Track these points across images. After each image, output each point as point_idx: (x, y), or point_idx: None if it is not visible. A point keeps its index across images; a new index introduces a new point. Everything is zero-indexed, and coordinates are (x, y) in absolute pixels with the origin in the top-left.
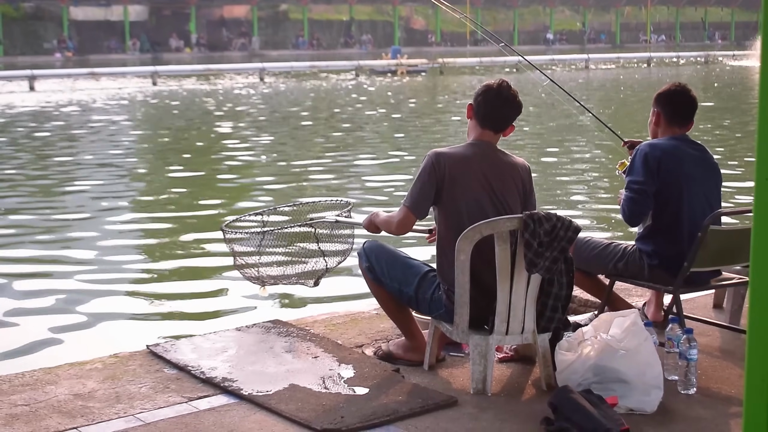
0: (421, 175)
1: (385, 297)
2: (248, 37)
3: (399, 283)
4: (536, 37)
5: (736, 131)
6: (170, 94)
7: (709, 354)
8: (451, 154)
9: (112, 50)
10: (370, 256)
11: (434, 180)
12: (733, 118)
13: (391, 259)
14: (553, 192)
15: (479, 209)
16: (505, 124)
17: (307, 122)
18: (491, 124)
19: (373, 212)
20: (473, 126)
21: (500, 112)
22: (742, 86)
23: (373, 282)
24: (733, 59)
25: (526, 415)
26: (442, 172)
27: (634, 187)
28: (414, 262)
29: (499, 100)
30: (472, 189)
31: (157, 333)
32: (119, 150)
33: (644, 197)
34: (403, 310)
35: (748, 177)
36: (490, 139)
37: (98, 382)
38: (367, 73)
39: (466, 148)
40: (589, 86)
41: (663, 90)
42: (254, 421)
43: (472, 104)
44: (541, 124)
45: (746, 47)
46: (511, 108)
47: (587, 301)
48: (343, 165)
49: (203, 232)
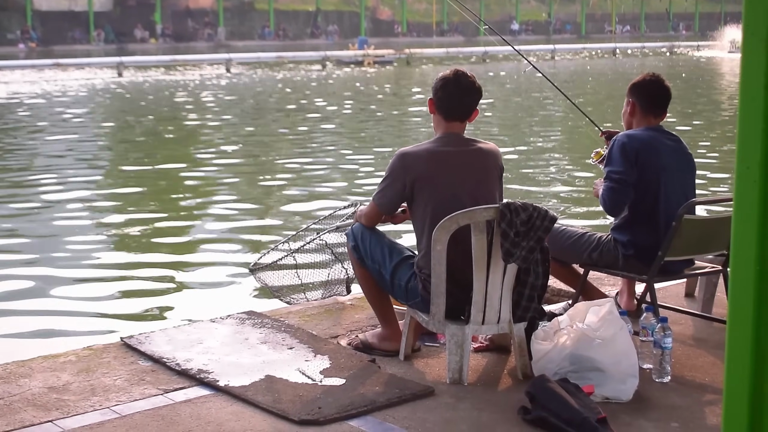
0: (389, 175)
1: (367, 279)
2: (214, 28)
3: (379, 264)
4: (502, 27)
5: (706, 121)
6: (137, 85)
7: (682, 342)
8: (419, 153)
9: (77, 41)
10: (357, 235)
11: (402, 181)
12: (701, 108)
13: (375, 239)
14: (526, 181)
15: (457, 202)
16: (470, 112)
17: (278, 113)
18: (457, 115)
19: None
20: (438, 120)
21: (463, 101)
22: (710, 76)
23: (357, 262)
24: (697, 50)
25: (503, 404)
26: (411, 174)
27: (615, 177)
28: (397, 246)
29: (460, 90)
30: (447, 184)
31: (129, 325)
32: (87, 142)
33: (625, 187)
34: (383, 296)
35: (716, 167)
36: (458, 129)
37: (72, 374)
38: (334, 63)
39: (437, 143)
40: (558, 77)
41: (638, 80)
42: (231, 413)
43: (432, 99)
44: (513, 113)
45: (710, 38)
46: (471, 95)
47: (560, 290)
48: (317, 157)
49: (174, 222)
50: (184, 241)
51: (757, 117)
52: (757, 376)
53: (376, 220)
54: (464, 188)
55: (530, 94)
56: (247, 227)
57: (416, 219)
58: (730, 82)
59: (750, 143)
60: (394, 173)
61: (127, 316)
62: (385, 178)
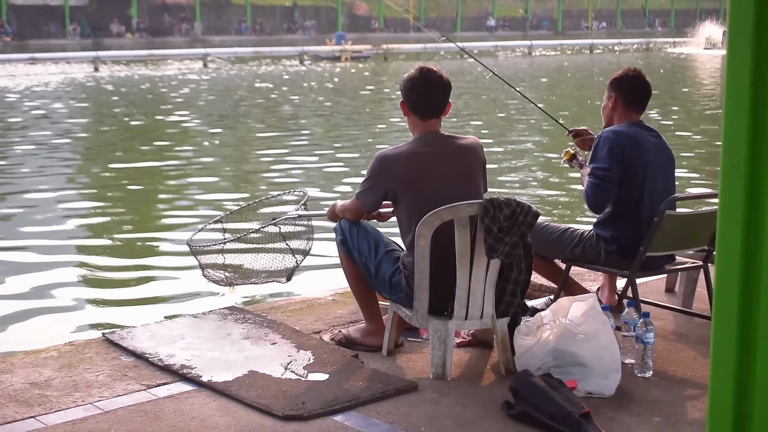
0: (370, 177)
1: (354, 273)
2: (190, 23)
3: (365, 257)
4: (479, 23)
5: (684, 118)
6: (113, 79)
7: (663, 337)
8: (399, 156)
9: (52, 35)
10: (345, 229)
11: (384, 185)
12: (679, 105)
13: (362, 233)
14: (500, 180)
15: (441, 201)
16: (443, 107)
17: (255, 109)
18: (432, 113)
19: (333, 203)
20: (415, 121)
21: (434, 98)
22: (692, 72)
23: (345, 256)
24: (673, 46)
25: (486, 399)
26: (392, 177)
27: (600, 174)
28: (383, 240)
29: (430, 89)
30: (430, 185)
31: (110, 321)
32: (64, 137)
33: (609, 184)
34: (369, 291)
35: (694, 164)
36: (435, 127)
37: (54, 370)
38: (311, 59)
39: (417, 144)
40: (534, 73)
41: (620, 75)
42: (215, 408)
43: (404, 101)
44: (486, 113)
45: (686, 34)
46: (442, 91)
47: (541, 285)
48: (294, 152)
49: (154, 217)
50: (163, 236)
51: (742, 113)
52: (741, 370)
53: (359, 217)
54: (448, 187)
55: (501, 94)
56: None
57: (401, 218)
58: (710, 77)
59: (736, 139)
60: (375, 176)
61: (108, 312)
62: (367, 180)
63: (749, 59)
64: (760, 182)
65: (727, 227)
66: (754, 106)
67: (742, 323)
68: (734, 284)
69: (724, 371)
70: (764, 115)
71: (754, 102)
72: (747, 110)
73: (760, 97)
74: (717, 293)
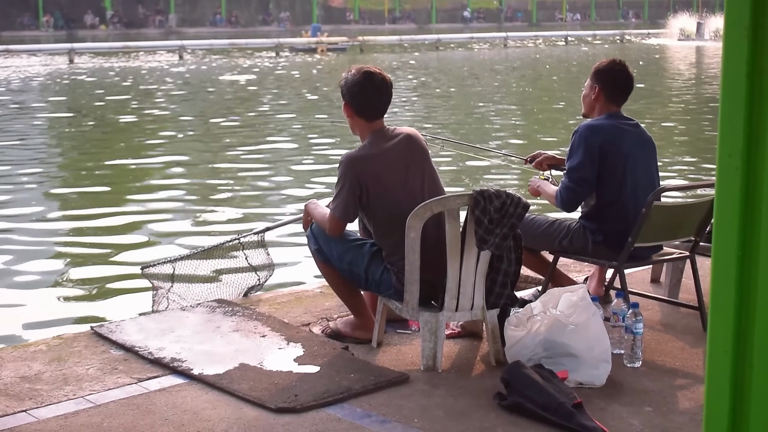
0: (342, 183)
1: (335, 278)
2: (165, 14)
3: (349, 263)
4: (454, 15)
5: (663, 110)
6: (88, 71)
7: (650, 328)
8: (366, 156)
9: (26, 27)
10: (319, 238)
11: (356, 186)
12: (657, 96)
13: (339, 240)
14: (488, 172)
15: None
16: (387, 107)
17: (232, 102)
18: (378, 113)
19: (307, 207)
20: (361, 123)
21: (381, 100)
22: (662, 64)
23: (323, 264)
24: (648, 38)
25: (478, 390)
26: (364, 177)
27: (575, 176)
28: (362, 241)
29: (377, 92)
30: (398, 178)
31: (97, 314)
32: (44, 132)
33: (583, 187)
34: (353, 289)
35: (674, 156)
36: (381, 126)
37: (44, 364)
38: (287, 50)
39: (375, 143)
40: (510, 65)
41: (604, 66)
42: (207, 401)
43: (348, 104)
44: (463, 109)
45: (660, 26)
46: (388, 92)
47: (528, 276)
48: (269, 147)
49: (137, 211)
50: (149, 229)
51: (739, 105)
52: (738, 360)
53: (341, 231)
54: (413, 179)
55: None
56: (208, 219)
57: (375, 218)
58: (687, 69)
59: (732, 131)
60: (347, 178)
61: (95, 306)
62: (339, 190)
63: (745, 51)
64: (756, 174)
65: (723, 219)
66: (750, 98)
67: (738, 314)
68: (731, 275)
69: (721, 360)
70: (760, 107)
71: (750, 93)
72: (743, 102)
73: (756, 88)
74: (713, 284)
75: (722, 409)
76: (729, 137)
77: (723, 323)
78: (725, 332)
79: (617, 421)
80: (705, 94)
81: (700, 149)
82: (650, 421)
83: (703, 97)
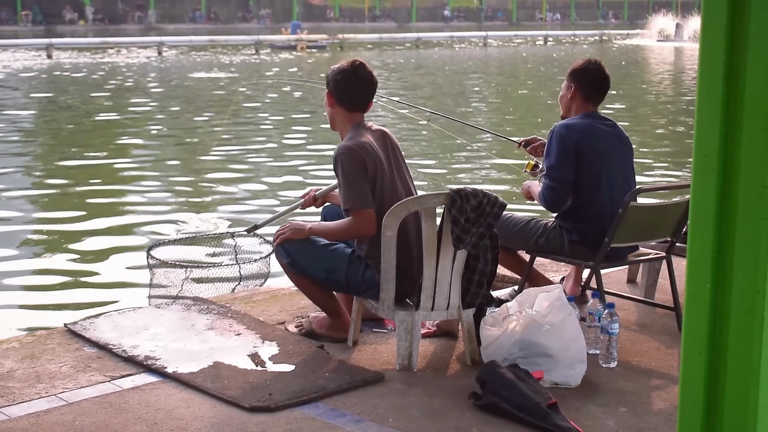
0: (349, 175)
1: (310, 287)
2: (144, 10)
3: (326, 272)
4: (434, 13)
5: (642, 110)
6: (67, 67)
7: (626, 328)
8: (359, 145)
9: (4, 21)
10: (290, 251)
11: (365, 173)
12: (634, 96)
13: (312, 249)
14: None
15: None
16: (368, 103)
17: (211, 100)
18: (358, 107)
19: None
20: (341, 113)
21: (366, 93)
22: (641, 65)
23: (297, 276)
24: (627, 38)
25: (453, 390)
26: (367, 164)
27: (555, 176)
28: (335, 246)
29: (362, 84)
30: (383, 173)
31: (71, 311)
32: (21, 128)
33: (564, 186)
34: (327, 293)
35: (652, 157)
36: (361, 120)
37: (16, 361)
38: (266, 48)
39: (359, 136)
40: (489, 65)
41: (580, 66)
42: (181, 399)
43: (331, 93)
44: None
45: (639, 26)
46: (373, 86)
47: (504, 276)
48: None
49: (112, 207)
50: (123, 225)
51: (715, 105)
52: (712, 361)
53: (373, 223)
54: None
55: (461, 80)
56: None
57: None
58: (665, 70)
59: (708, 131)
60: (353, 168)
61: (69, 303)
62: (349, 179)
63: (722, 52)
64: (732, 174)
65: (698, 218)
66: (727, 99)
67: (713, 316)
68: (706, 275)
69: (695, 365)
70: (736, 108)
71: (726, 94)
72: (719, 102)
73: (732, 89)
74: (689, 284)
75: (696, 409)
76: (705, 138)
77: (698, 324)
78: (700, 333)
79: (592, 422)
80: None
81: (677, 151)
82: (625, 422)
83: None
